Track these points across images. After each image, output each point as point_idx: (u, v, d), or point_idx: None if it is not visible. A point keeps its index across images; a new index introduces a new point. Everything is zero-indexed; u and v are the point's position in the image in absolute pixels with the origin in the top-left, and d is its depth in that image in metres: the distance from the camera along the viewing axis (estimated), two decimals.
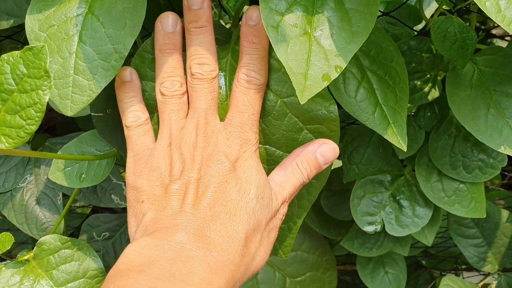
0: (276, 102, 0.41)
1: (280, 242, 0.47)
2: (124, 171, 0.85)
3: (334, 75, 0.36)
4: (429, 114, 0.57)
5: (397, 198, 0.63)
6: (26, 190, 0.67)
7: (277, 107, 0.41)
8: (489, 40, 0.90)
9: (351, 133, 0.62)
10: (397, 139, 0.44)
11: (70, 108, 0.38)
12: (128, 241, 0.72)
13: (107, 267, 0.71)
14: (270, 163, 0.43)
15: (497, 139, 0.47)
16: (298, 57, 0.36)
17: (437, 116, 0.58)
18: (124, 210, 0.77)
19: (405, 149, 0.44)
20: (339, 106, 0.43)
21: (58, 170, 0.50)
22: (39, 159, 0.69)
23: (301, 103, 0.34)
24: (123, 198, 0.70)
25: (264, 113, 0.41)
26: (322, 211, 0.76)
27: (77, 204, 0.91)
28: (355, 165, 0.62)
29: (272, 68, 0.42)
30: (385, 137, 0.44)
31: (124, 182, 0.71)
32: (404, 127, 0.45)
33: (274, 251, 0.47)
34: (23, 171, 0.68)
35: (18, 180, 0.67)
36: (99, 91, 0.38)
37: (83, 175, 0.51)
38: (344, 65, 0.36)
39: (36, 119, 0.35)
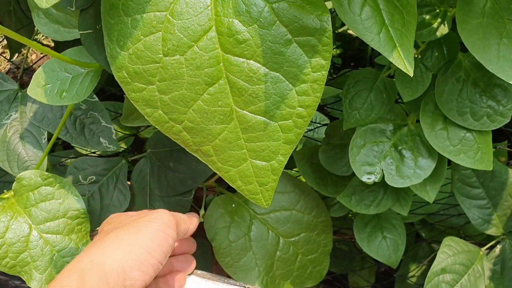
0: (263, 8, 0.38)
1: (261, 184, 0.43)
2: (116, 117, 0.82)
3: None
4: (436, 54, 0.54)
5: (399, 148, 0.60)
6: (10, 127, 0.64)
7: (265, 13, 0.38)
8: None
9: (353, 76, 0.58)
10: (403, 62, 0.41)
11: (46, 0, 0.35)
12: (116, 186, 0.69)
13: (92, 212, 0.68)
14: (252, 82, 0.39)
15: (508, 71, 0.44)
16: None
17: (445, 57, 0.54)
18: (111, 156, 0.74)
19: (411, 73, 0.40)
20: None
21: (38, 86, 0.47)
22: (26, 96, 0.66)
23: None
24: (112, 141, 0.67)
25: (249, 20, 0.38)
26: (319, 167, 0.72)
27: (68, 161, 0.88)
28: (356, 110, 0.58)
29: None
30: (390, 60, 0.41)
31: (113, 125, 0.68)
32: (411, 51, 0.42)
33: (255, 198, 0.43)
34: (8, 108, 0.65)
35: (2, 117, 0.64)
36: None
37: (64, 93, 0.47)
38: None
39: None
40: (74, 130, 0.66)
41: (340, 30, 1.32)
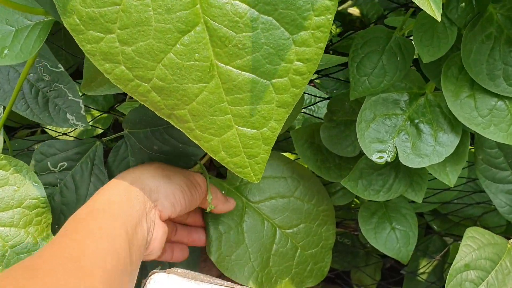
0: None
1: (250, 156, 0.37)
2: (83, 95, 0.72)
3: None
4: (463, 5, 0.45)
5: (416, 121, 0.51)
6: None
7: None
8: None
9: (363, 36, 0.49)
10: (429, 3, 0.32)
11: None
12: (92, 173, 0.59)
13: (67, 204, 0.58)
14: (238, 30, 0.32)
15: None
16: None
17: (473, 9, 0.45)
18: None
19: (438, 17, 0.32)
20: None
21: None
22: None
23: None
24: (80, 118, 0.57)
25: None
26: (320, 148, 0.63)
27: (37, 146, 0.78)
28: (366, 76, 0.49)
29: None
30: (414, 0, 0.32)
31: (82, 100, 0.58)
32: None
33: (243, 172, 0.38)
34: None
35: None
36: None
37: (5, 50, 0.38)
38: None
39: None
40: (36, 105, 0.57)
41: (340, 8, 1.23)
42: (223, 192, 0.61)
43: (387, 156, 0.50)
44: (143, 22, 0.33)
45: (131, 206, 0.44)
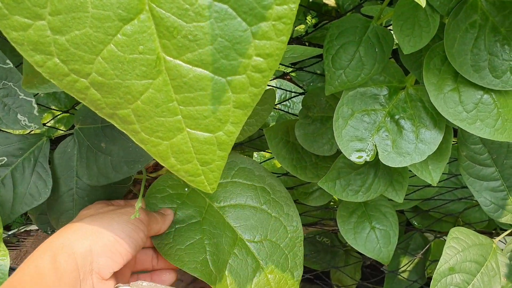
0: None
1: (203, 163, 0.33)
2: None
3: None
4: None
5: (396, 117, 0.47)
6: None
7: None
8: None
9: (338, 25, 0.45)
10: None
11: None
12: (33, 171, 0.54)
13: (3, 202, 0.53)
14: (189, 19, 0.28)
15: None
16: None
17: None
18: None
19: (423, 3, 0.28)
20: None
21: None
22: None
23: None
24: (33, 118, 0.53)
25: None
26: (296, 147, 0.59)
27: None
28: (342, 69, 0.45)
29: None
30: None
31: (34, 99, 0.53)
32: None
33: (195, 181, 0.34)
34: None
35: None
36: None
37: None
38: None
39: None
40: None
41: None
42: (186, 189, 0.56)
43: (367, 156, 0.47)
44: (78, 7, 0.29)
45: (59, 278, 0.40)
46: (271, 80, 0.88)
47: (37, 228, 1.25)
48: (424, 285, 0.81)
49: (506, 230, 0.58)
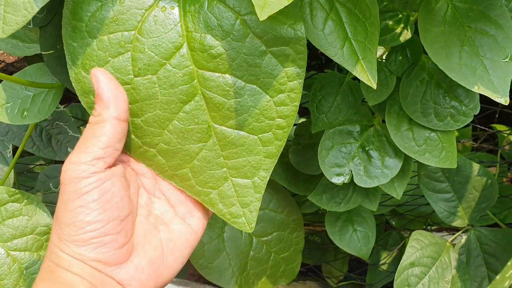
0: (235, 21, 0.37)
1: (244, 205, 0.41)
2: (83, 124, 0.80)
3: None
4: (400, 58, 0.55)
5: (366, 148, 0.61)
6: None
7: (237, 26, 0.37)
8: None
9: (320, 80, 0.59)
10: (367, 75, 0.42)
11: (2, 29, 0.34)
12: None
13: None
14: (229, 97, 0.39)
15: (470, 78, 0.45)
16: None
17: (409, 61, 0.55)
18: None
19: (374, 86, 0.41)
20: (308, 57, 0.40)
21: None
22: None
23: (260, 19, 0.31)
24: None
25: (222, 34, 0.37)
26: (290, 167, 0.73)
27: (35, 163, 0.86)
28: (324, 114, 0.59)
29: None
30: (354, 73, 0.41)
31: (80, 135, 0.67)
32: (374, 63, 0.42)
33: (238, 223, 0.41)
34: None
35: None
36: (35, 10, 0.34)
37: (25, 112, 0.46)
38: None
39: None
40: (41, 142, 0.65)
41: None
42: None
43: (344, 178, 0.61)
44: (150, 96, 0.38)
45: None
46: None
47: None
48: None
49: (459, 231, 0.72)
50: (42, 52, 0.45)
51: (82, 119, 0.75)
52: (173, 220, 0.41)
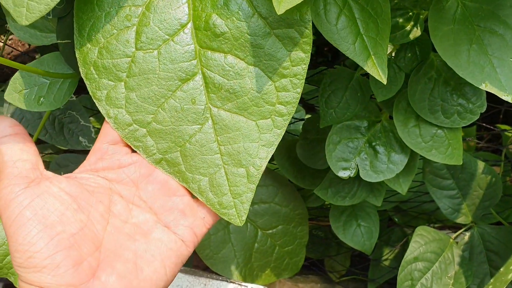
0: (242, 1, 0.37)
1: (236, 195, 0.39)
2: (93, 114, 0.81)
3: None
4: (409, 55, 0.55)
5: (373, 144, 0.62)
6: None
7: (243, 6, 0.37)
8: None
9: (329, 75, 0.60)
10: (377, 71, 0.42)
11: (26, 16, 0.35)
12: None
13: None
14: (230, 77, 0.38)
15: (478, 76, 0.46)
16: None
17: (417, 58, 0.56)
18: None
19: (384, 81, 0.42)
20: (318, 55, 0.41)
21: (15, 91, 0.47)
22: (1, 98, 0.65)
23: (278, 13, 0.32)
24: (92, 140, 0.67)
25: (227, 13, 0.37)
26: (296, 161, 0.74)
27: (45, 152, 0.87)
28: (332, 109, 0.60)
29: None
30: (365, 68, 0.42)
31: (92, 124, 0.68)
32: (385, 59, 0.43)
33: (228, 214, 0.39)
34: None
35: None
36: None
37: (41, 99, 0.47)
38: None
39: None
40: (53, 130, 0.66)
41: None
42: None
43: (350, 172, 0.62)
44: (149, 71, 0.38)
45: None
46: None
47: None
48: None
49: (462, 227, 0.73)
50: (58, 41, 0.46)
51: (91, 108, 0.77)
52: (154, 229, 0.38)
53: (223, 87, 0.38)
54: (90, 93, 0.40)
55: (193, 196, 0.40)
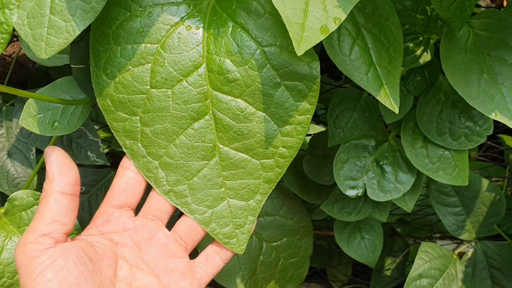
0: (255, 50, 0.39)
1: (237, 226, 0.42)
2: (101, 128, 0.82)
3: (332, 26, 0.34)
4: (419, 78, 0.56)
5: (380, 163, 0.62)
6: None
7: (256, 56, 0.39)
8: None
9: (338, 95, 0.60)
10: (390, 100, 0.43)
11: (45, 50, 0.35)
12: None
13: (81, 221, 0.69)
14: (239, 120, 0.40)
15: (488, 105, 0.46)
16: (296, 6, 0.34)
17: (426, 81, 0.56)
18: (101, 167, 0.75)
19: (397, 111, 0.42)
20: (325, 71, 0.42)
21: (29, 116, 0.47)
22: (11, 112, 0.66)
23: (298, 54, 0.32)
24: (100, 155, 0.67)
25: (241, 61, 0.39)
26: (302, 176, 0.75)
27: None
28: (341, 129, 0.60)
29: (255, 12, 0.39)
30: (377, 98, 0.43)
31: (100, 139, 0.68)
32: (397, 88, 0.43)
33: (229, 243, 0.42)
34: None
35: None
36: (77, 33, 0.35)
37: (55, 123, 0.48)
38: (343, 17, 0.34)
39: (2, 41, 0.32)
40: (62, 145, 0.66)
41: None
42: None
43: (358, 191, 0.62)
44: (163, 109, 0.40)
45: None
46: None
47: None
48: (403, 281, 0.98)
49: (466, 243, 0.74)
50: (72, 66, 0.47)
51: (99, 122, 0.77)
52: None
53: (232, 128, 0.41)
54: (108, 123, 0.41)
55: (191, 257, 0.43)
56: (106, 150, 0.93)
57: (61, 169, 0.37)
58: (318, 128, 0.93)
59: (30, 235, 0.35)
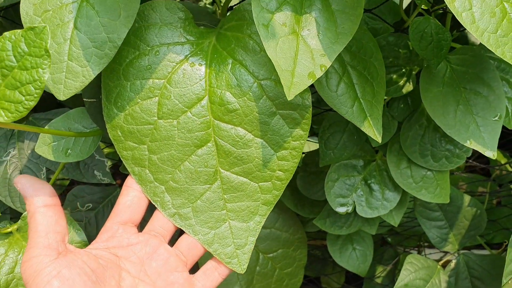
0: (253, 84, 0.43)
1: (238, 246, 0.45)
2: (107, 146, 0.86)
3: (319, 73, 0.38)
4: (402, 105, 0.61)
5: (368, 182, 0.67)
6: (9, 163, 0.68)
7: (254, 88, 0.43)
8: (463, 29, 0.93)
9: (328, 119, 0.65)
10: (373, 131, 0.47)
11: (63, 92, 0.39)
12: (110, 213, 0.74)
13: (88, 236, 0.73)
14: (238, 146, 0.44)
15: (464, 134, 0.51)
16: (287, 55, 0.38)
17: (409, 108, 0.61)
18: (107, 185, 0.79)
19: (379, 140, 0.47)
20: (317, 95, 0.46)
21: (44, 144, 0.51)
22: (23, 133, 0.70)
23: (288, 99, 0.37)
24: (106, 174, 0.72)
25: (240, 93, 0.43)
26: (297, 191, 0.79)
27: (62, 181, 0.92)
28: (331, 150, 0.65)
29: (252, 50, 0.43)
30: (361, 129, 0.47)
31: (107, 159, 0.72)
32: (380, 120, 0.48)
33: (231, 263, 0.45)
34: (6, 145, 0.69)
35: (2, 154, 0.68)
36: (92, 77, 0.39)
37: (69, 150, 0.52)
38: (328, 64, 0.38)
39: (35, 95, 0.36)
40: (70, 164, 0.71)
41: None
42: None
43: (348, 208, 0.67)
44: (169, 138, 0.43)
45: None
46: None
47: None
48: None
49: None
50: (84, 99, 0.51)
51: (105, 141, 0.81)
52: None
53: (232, 154, 0.44)
54: (118, 151, 0.45)
55: (191, 272, 0.46)
56: (109, 163, 0.97)
57: (35, 187, 0.40)
58: (311, 141, 0.97)
59: (32, 250, 0.38)
